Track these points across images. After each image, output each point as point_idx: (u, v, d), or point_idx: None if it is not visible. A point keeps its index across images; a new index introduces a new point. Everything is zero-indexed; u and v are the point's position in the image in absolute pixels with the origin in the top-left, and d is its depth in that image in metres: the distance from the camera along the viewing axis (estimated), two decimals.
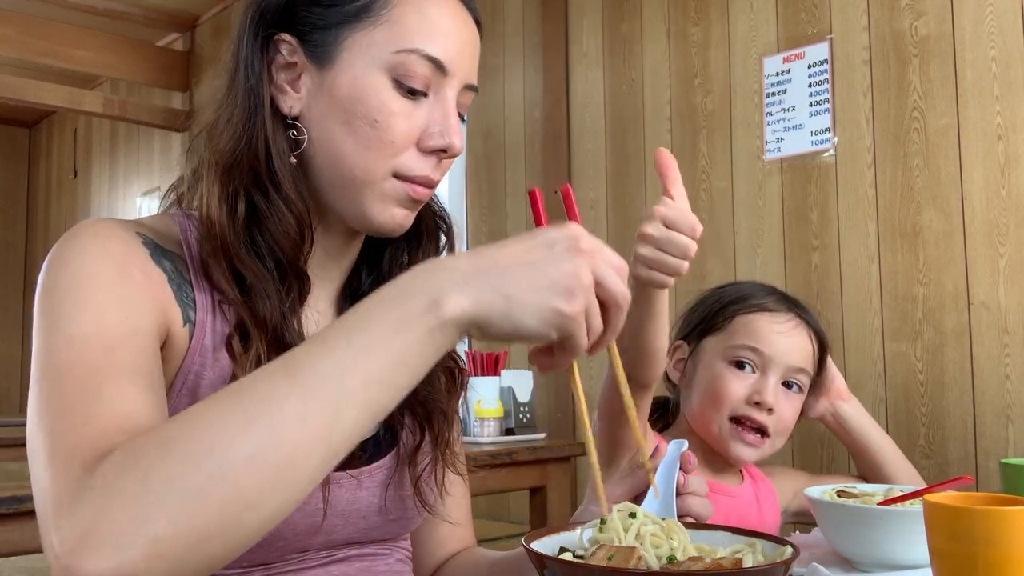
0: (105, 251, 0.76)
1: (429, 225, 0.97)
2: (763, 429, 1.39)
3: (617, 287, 0.68)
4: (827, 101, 2.28)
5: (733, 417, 1.39)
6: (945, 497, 0.76)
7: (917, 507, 1.02)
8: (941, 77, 2.07)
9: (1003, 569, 0.69)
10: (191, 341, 0.80)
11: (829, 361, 1.52)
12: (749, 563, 0.72)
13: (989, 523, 0.70)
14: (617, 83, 2.81)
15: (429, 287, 0.64)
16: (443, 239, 0.99)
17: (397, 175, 0.84)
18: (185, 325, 0.80)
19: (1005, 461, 1.25)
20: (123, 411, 0.66)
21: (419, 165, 0.84)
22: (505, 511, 3.05)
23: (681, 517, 0.88)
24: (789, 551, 0.71)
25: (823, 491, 1.17)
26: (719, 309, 1.46)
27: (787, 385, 1.43)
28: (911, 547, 0.99)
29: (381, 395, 0.62)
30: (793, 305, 1.47)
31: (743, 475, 1.51)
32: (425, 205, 0.94)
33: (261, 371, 0.62)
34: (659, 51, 2.69)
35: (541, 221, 0.75)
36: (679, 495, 0.88)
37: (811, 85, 2.31)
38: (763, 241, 2.39)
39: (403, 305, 0.63)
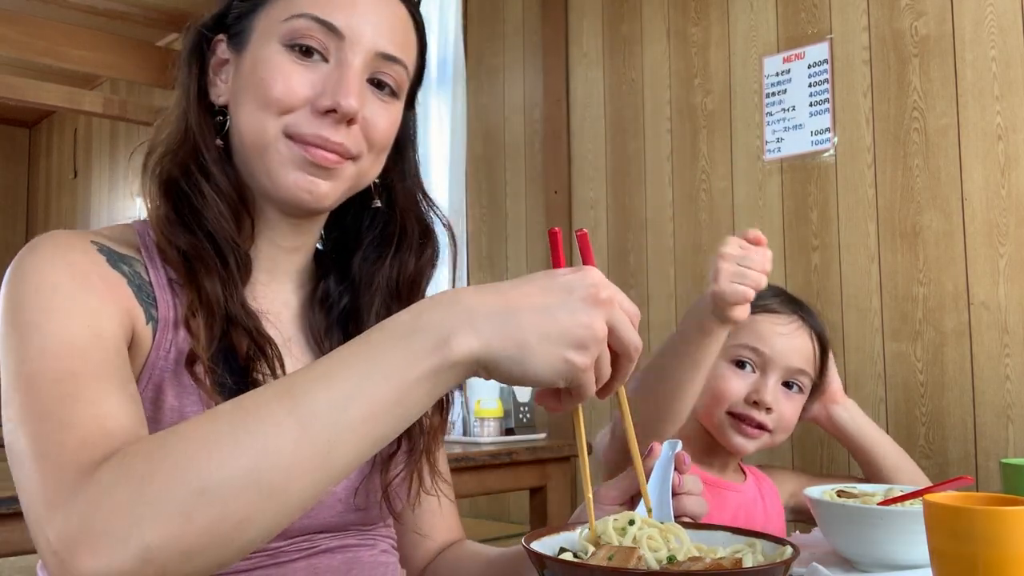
0: (64, 261, 0.78)
1: (410, 234, 0.96)
2: (762, 426, 1.40)
3: (631, 337, 0.66)
4: (827, 101, 2.28)
5: (732, 413, 1.40)
6: (945, 497, 0.76)
7: (917, 507, 1.02)
8: (941, 77, 2.07)
9: (1003, 569, 0.69)
10: (155, 337, 0.81)
11: (830, 363, 1.52)
12: (749, 563, 0.72)
13: (989, 523, 0.70)
14: (617, 83, 2.81)
15: (439, 324, 0.62)
16: (428, 251, 0.98)
17: (288, 135, 0.85)
18: (148, 323, 0.81)
19: (1005, 461, 1.25)
20: (104, 412, 0.67)
21: (309, 123, 0.84)
22: (505, 511, 3.05)
23: (678, 517, 0.88)
24: (789, 551, 0.71)
25: (823, 491, 1.17)
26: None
27: (787, 385, 1.43)
28: (911, 547, 0.99)
29: (380, 429, 0.61)
30: (797, 307, 1.47)
31: (745, 474, 1.52)
32: (409, 212, 0.95)
33: (261, 393, 0.62)
34: (659, 51, 2.69)
35: (560, 262, 0.72)
36: (675, 496, 0.88)
37: (811, 85, 2.31)
38: None
39: (410, 341, 0.62)
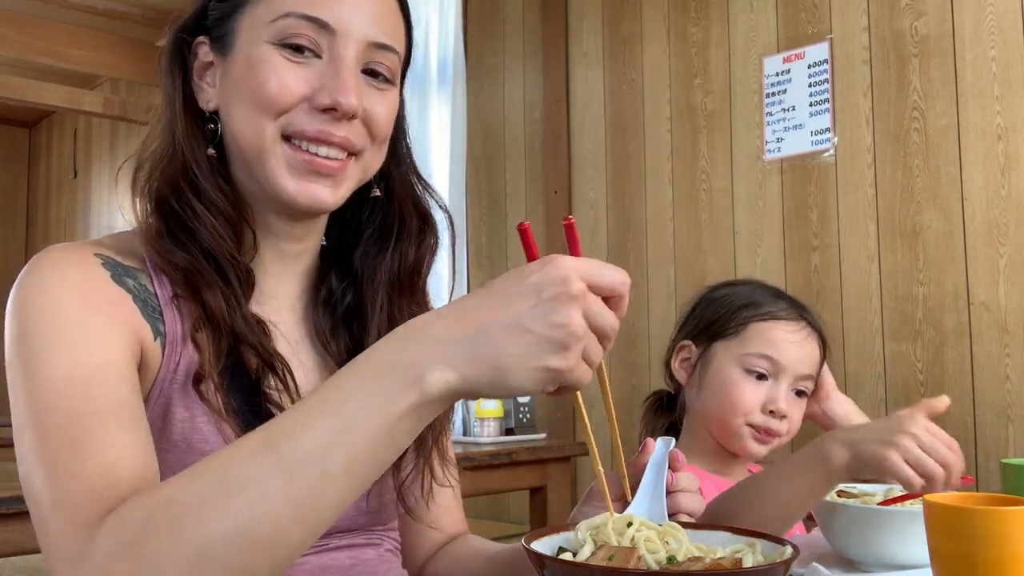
0: (65, 284, 0.76)
1: (409, 224, 0.94)
2: (777, 433, 1.42)
3: (607, 321, 0.63)
4: (827, 101, 2.28)
5: (748, 423, 1.41)
6: (945, 497, 0.76)
7: (917, 507, 1.02)
8: (941, 77, 2.06)
9: (1003, 569, 0.69)
10: (163, 353, 0.80)
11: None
12: (749, 563, 0.72)
13: (989, 523, 0.70)
14: (617, 83, 2.81)
15: (410, 361, 0.60)
16: (428, 240, 0.96)
17: (286, 135, 0.83)
18: (156, 339, 0.80)
19: (1005, 461, 1.25)
20: (110, 458, 0.67)
21: (308, 120, 0.83)
22: (505, 511, 3.05)
23: (673, 515, 0.87)
24: (789, 551, 0.71)
25: None
26: (730, 314, 1.45)
27: (795, 391, 1.44)
28: (911, 547, 0.99)
29: (365, 469, 0.61)
30: (802, 310, 1.48)
31: (749, 473, 1.52)
32: (406, 199, 0.94)
33: (243, 445, 0.61)
34: (659, 51, 2.69)
35: (533, 256, 0.68)
36: (669, 493, 0.88)
37: (811, 85, 2.31)
38: (763, 241, 2.39)
39: (385, 380, 0.60)
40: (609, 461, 0.89)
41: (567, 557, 0.73)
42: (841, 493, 1.17)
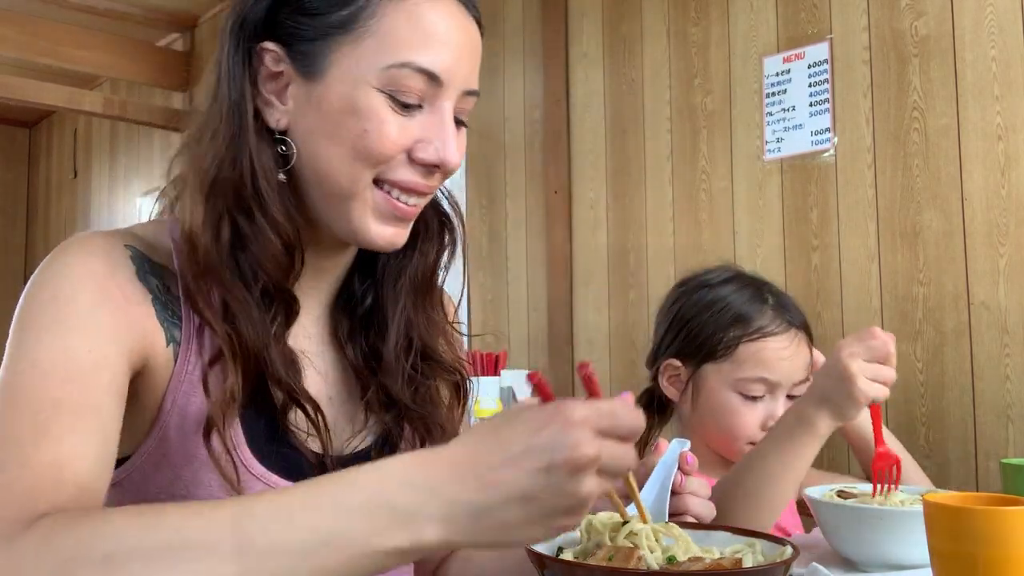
0: (87, 270, 0.75)
1: (430, 224, 0.93)
2: None
3: (623, 465, 0.60)
4: (827, 101, 2.28)
5: (751, 442, 1.40)
6: (945, 497, 0.77)
7: (917, 507, 1.02)
8: (941, 77, 2.07)
9: (1003, 569, 0.69)
10: (176, 361, 0.79)
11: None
12: (749, 563, 0.72)
13: (989, 523, 0.70)
14: (617, 83, 2.81)
15: (410, 507, 0.58)
16: (446, 239, 0.95)
17: (380, 179, 0.81)
18: (169, 345, 0.78)
19: (1005, 461, 1.25)
20: (65, 455, 0.67)
21: (404, 171, 0.81)
22: None
23: (679, 515, 0.87)
24: (789, 551, 0.71)
25: (823, 491, 1.17)
26: (718, 334, 1.41)
27: (790, 396, 1.43)
28: (911, 547, 0.99)
29: None
30: (785, 313, 1.44)
31: None
32: (428, 203, 0.92)
33: (209, 514, 0.59)
34: (659, 51, 2.69)
35: (549, 398, 0.64)
36: (676, 495, 0.87)
37: (811, 85, 2.31)
38: (763, 241, 2.39)
39: (375, 515, 0.58)
40: None
41: (567, 557, 0.73)
42: (841, 493, 1.17)
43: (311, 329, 0.91)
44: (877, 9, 2.19)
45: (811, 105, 2.31)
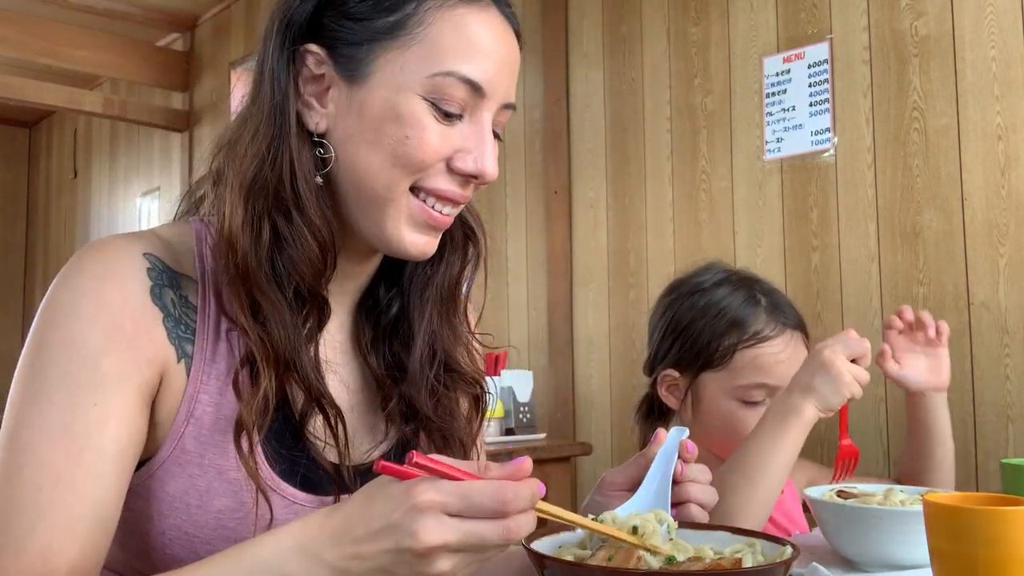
0: (98, 304, 0.75)
1: (455, 236, 0.92)
2: None
3: (486, 548, 0.64)
4: (827, 101, 2.28)
5: None
6: (945, 497, 0.76)
7: (917, 507, 1.02)
8: (941, 77, 2.07)
9: (1003, 569, 0.69)
10: (189, 374, 0.79)
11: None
12: (749, 563, 0.72)
13: (989, 523, 0.70)
14: (617, 83, 2.81)
15: (295, 572, 0.66)
16: (470, 251, 0.94)
17: (417, 186, 0.80)
18: (180, 361, 0.79)
19: (1005, 461, 1.24)
20: (56, 544, 0.70)
21: (443, 180, 0.81)
22: None
23: (682, 503, 0.87)
24: (789, 551, 0.71)
25: (823, 491, 1.17)
26: (713, 342, 1.41)
27: None
28: (911, 547, 0.99)
29: None
30: (779, 313, 1.42)
31: None
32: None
33: None
34: (659, 51, 2.69)
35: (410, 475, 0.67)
36: (677, 483, 0.87)
37: (811, 85, 2.31)
38: (763, 241, 2.39)
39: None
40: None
41: (568, 557, 0.73)
42: (841, 493, 1.17)
43: (336, 336, 0.90)
44: (877, 9, 2.19)
45: (811, 105, 2.31)
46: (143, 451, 0.79)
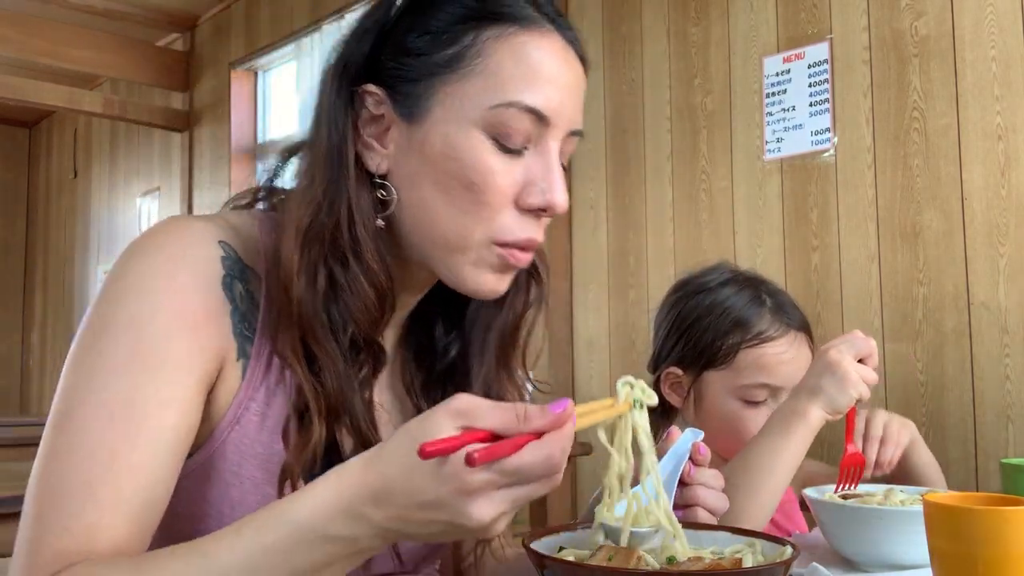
0: (170, 284, 0.73)
1: (519, 276, 0.87)
2: None
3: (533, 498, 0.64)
4: (827, 101, 2.28)
5: None
6: (945, 497, 0.76)
7: (917, 507, 1.02)
8: (941, 77, 2.07)
9: (1003, 569, 0.69)
10: (244, 376, 0.77)
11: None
12: (749, 563, 0.72)
13: (989, 523, 0.70)
14: (617, 83, 2.81)
15: (350, 535, 0.64)
16: (533, 292, 0.90)
17: (496, 241, 0.77)
18: (239, 360, 0.76)
19: (1005, 461, 1.24)
20: (103, 523, 0.68)
21: (519, 227, 0.77)
22: None
23: (690, 506, 0.86)
24: (789, 551, 0.71)
25: (823, 491, 1.17)
26: (717, 341, 1.41)
27: None
28: (911, 547, 0.99)
29: None
30: (783, 315, 1.43)
31: None
32: None
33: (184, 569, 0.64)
34: (659, 51, 2.69)
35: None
36: (685, 485, 0.86)
37: (811, 85, 2.31)
38: (763, 241, 2.39)
39: (320, 548, 0.64)
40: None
41: (568, 557, 0.73)
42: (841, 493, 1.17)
43: (385, 378, 0.87)
44: (877, 9, 2.19)
45: (811, 105, 2.31)
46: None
